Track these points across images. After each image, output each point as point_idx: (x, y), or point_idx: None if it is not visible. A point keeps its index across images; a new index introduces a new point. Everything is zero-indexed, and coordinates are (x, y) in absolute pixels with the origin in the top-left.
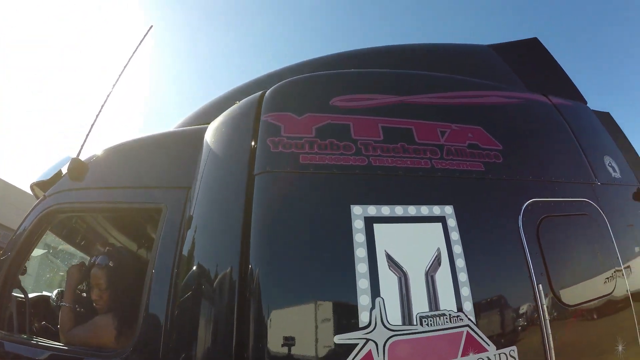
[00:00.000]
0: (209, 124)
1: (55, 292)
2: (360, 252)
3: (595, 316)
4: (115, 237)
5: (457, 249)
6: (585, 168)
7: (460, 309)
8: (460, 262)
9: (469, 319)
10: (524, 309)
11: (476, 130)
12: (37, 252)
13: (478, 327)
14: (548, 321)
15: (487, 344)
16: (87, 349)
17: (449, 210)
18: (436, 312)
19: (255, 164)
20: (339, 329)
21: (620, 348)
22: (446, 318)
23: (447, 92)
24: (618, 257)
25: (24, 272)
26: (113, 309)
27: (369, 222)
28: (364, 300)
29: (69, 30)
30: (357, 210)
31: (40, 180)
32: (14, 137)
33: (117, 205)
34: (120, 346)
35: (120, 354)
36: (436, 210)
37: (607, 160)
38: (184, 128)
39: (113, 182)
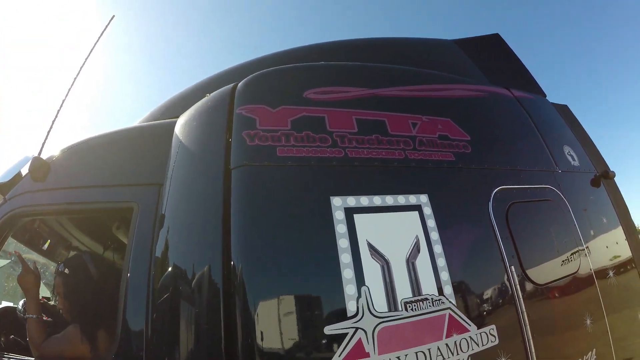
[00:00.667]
0: (177, 117)
1: (21, 302)
2: (343, 243)
3: (564, 293)
4: (81, 241)
5: (434, 235)
6: (546, 157)
7: (441, 292)
8: (437, 248)
9: (450, 302)
10: (499, 289)
11: (445, 121)
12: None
13: (459, 309)
14: (522, 299)
15: (468, 324)
16: None
17: (424, 199)
18: (419, 297)
19: (232, 157)
20: (328, 320)
21: (588, 322)
22: (429, 302)
23: (417, 85)
24: (580, 238)
25: None
26: (81, 317)
27: (349, 212)
28: (350, 289)
29: (69, 30)
30: (336, 201)
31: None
32: (14, 137)
33: (84, 206)
34: (99, 355)
35: None
36: (412, 199)
37: (567, 149)
38: (151, 122)
39: (79, 181)
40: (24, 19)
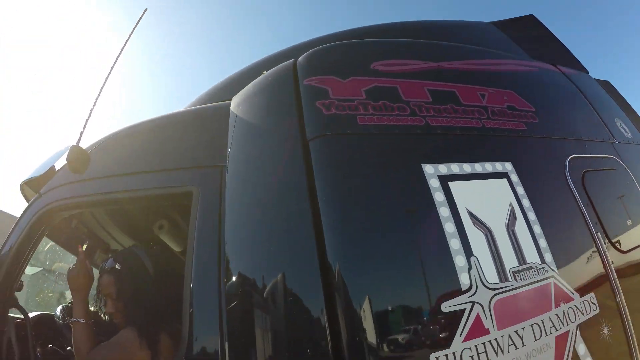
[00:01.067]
0: (228, 100)
1: (59, 308)
2: (444, 211)
3: None
4: (121, 242)
5: (526, 202)
6: (603, 129)
7: (542, 260)
8: (531, 215)
9: (552, 270)
10: (590, 256)
11: (509, 93)
12: (31, 269)
13: (561, 278)
14: (612, 266)
15: (572, 293)
16: None
17: (509, 166)
18: (525, 266)
19: (307, 128)
20: (443, 297)
21: None
22: (534, 271)
23: (475, 60)
24: None
25: (20, 287)
26: (138, 319)
27: (444, 180)
28: (460, 261)
29: (69, 30)
30: (429, 169)
31: (32, 178)
32: (14, 137)
33: (133, 193)
34: None
35: None
36: (498, 166)
37: (618, 122)
38: (202, 106)
39: (125, 168)
40: (24, 19)
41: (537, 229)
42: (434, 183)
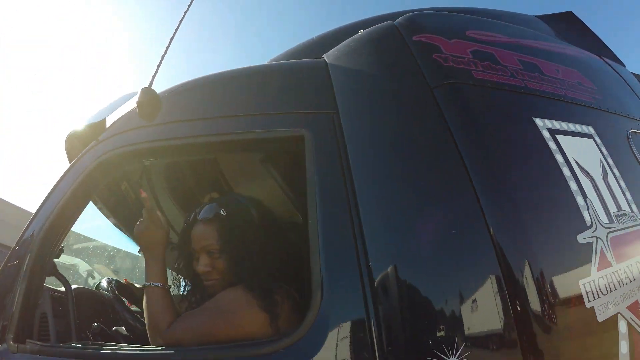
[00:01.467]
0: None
1: (104, 280)
2: (559, 158)
3: None
4: (170, 209)
5: (610, 161)
6: None
7: (631, 210)
8: (616, 172)
9: (639, 219)
10: None
11: (575, 72)
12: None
13: None
14: None
15: None
16: (216, 345)
17: (591, 129)
18: (621, 212)
19: (428, 76)
20: (576, 230)
21: None
22: (628, 217)
23: (542, 41)
24: None
25: (59, 253)
26: (246, 277)
27: (552, 132)
28: (580, 200)
29: (69, 30)
30: (539, 122)
31: (85, 127)
32: (14, 137)
33: (225, 136)
34: (277, 331)
35: (287, 344)
36: (584, 128)
37: None
38: (292, 60)
39: (214, 112)
40: (24, 19)
41: (622, 183)
42: (545, 134)
